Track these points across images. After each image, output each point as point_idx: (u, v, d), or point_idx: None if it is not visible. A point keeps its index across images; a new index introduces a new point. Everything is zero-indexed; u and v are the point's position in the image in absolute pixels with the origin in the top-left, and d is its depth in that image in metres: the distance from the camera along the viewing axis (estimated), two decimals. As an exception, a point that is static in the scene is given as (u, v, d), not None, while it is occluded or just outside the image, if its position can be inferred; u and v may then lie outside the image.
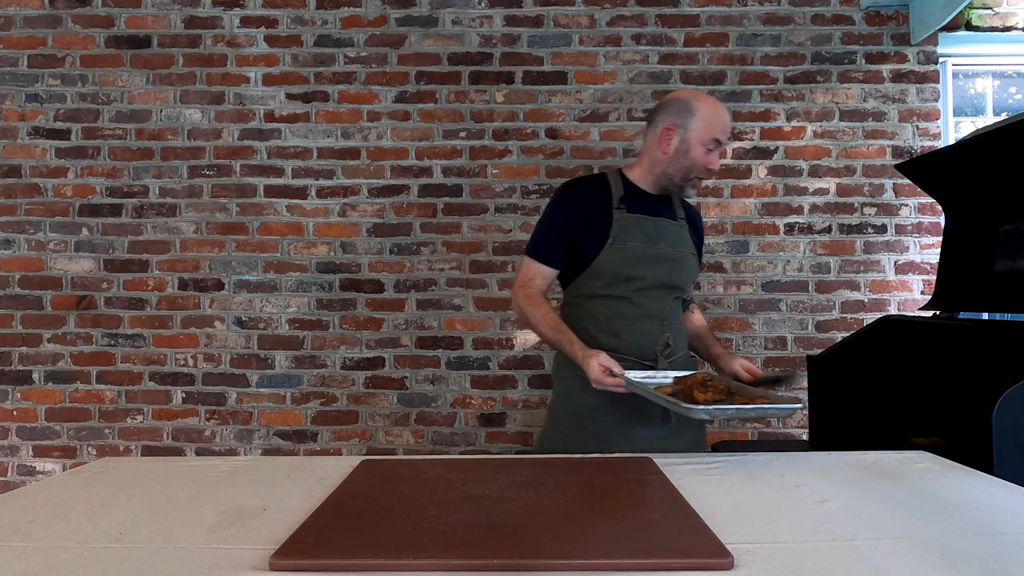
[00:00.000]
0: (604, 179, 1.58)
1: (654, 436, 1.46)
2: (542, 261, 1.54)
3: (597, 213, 1.51)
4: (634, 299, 1.50)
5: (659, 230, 1.54)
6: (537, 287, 1.53)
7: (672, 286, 1.55)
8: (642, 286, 1.50)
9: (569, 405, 1.53)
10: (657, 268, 1.51)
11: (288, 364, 2.67)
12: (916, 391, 1.64)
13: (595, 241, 1.50)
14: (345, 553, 0.72)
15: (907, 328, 1.95)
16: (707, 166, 1.50)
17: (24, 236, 2.68)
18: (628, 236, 1.50)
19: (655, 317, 1.51)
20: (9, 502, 0.95)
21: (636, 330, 1.49)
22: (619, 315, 1.50)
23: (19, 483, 2.64)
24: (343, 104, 2.68)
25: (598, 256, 1.50)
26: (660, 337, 1.50)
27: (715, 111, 1.50)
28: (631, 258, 1.49)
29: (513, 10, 2.68)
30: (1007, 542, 0.76)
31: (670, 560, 0.69)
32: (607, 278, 1.50)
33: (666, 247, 1.54)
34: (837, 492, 0.97)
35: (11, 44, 2.69)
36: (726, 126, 1.51)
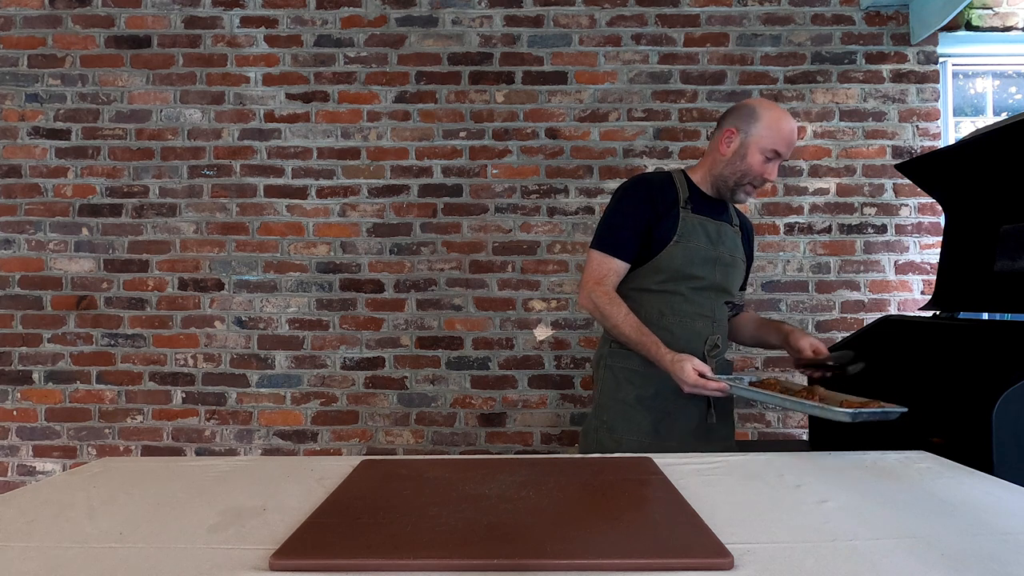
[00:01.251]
0: (671, 178, 1.60)
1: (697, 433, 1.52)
2: (616, 255, 1.52)
3: (666, 210, 1.53)
4: (690, 297, 1.52)
5: (720, 233, 1.57)
6: (611, 283, 1.52)
7: (725, 289, 1.58)
8: (699, 286, 1.53)
9: (616, 394, 1.55)
10: (714, 270, 1.55)
11: (288, 364, 2.67)
12: (916, 391, 1.64)
13: (662, 237, 1.51)
14: (345, 553, 0.72)
15: (907, 328, 1.95)
16: (763, 175, 1.51)
17: (24, 236, 2.68)
18: (692, 236, 1.53)
19: (707, 317, 1.54)
20: (9, 502, 0.95)
21: (688, 328, 1.52)
22: (674, 311, 1.52)
23: (19, 483, 2.64)
24: (343, 104, 2.68)
25: (662, 252, 1.51)
26: (710, 337, 1.53)
27: (780, 122, 1.49)
28: (693, 258, 1.52)
29: (513, 10, 2.68)
30: (1007, 542, 0.76)
31: (670, 560, 0.70)
32: (667, 274, 1.52)
33: (724, 251, 1.57)
34: (837, 492, 0.97)
35: (11, 44, 2.69)
36: (789, 139, 1.50)
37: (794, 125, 1.52)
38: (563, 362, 2.65)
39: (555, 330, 2.65)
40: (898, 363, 1.82)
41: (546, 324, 2.65)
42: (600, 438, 1.52)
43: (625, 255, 1.52)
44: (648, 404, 1.50)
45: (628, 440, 1.48)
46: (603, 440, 1.52)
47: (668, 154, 2.67)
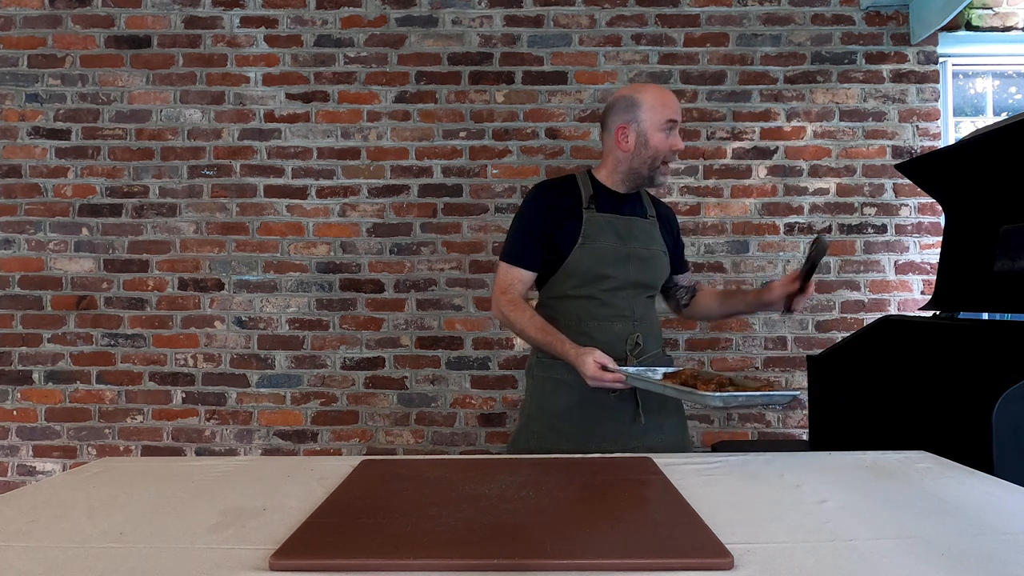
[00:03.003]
0: (573, 180, 1.58)
1: (629, 435, 1.48)
2: (519, 265, 1.54)
3: (568, 214, 1.52)
4: (604, 299, 1.51)
5: (630, 229, 1.54)
6: (517, 292, 1.53)
7: (643, 285, 1.56)
8: (613, 285, 1.51)
9: (543, 404, 1.54)
10: (628, 267, 1.52)
11: (288, 364, 2.67)
12: (916, 391, 1.64)
13: (566, 242, 1.50)
14: (345, 553, 0.72)
15: (907, 328, 1.95)
16: (671, 148, 1.50)
17: (24, 236, 2.68)
18: (599, 236, 1.51)
19: (626, 317, 1.52)
20: (9, 502, 0.95)
21: (607, 329, 1.50)
22: (590, 315, 1.51)
23: (19, 483, 2.64)
24: (343, 104, 2.68)
25: (569, 256, 1.50)
26: (630, 336, 1.51)
27: (659, 95, 1.51)
28: (602, 257, 1.50)
29: (513, 10, 2.68)
30: (1007, 542, 0.76)
31: (670, 560, 0.69)
32: (578, 278, 1.51)
33: (637, 246, 1.54)
34: (837, 492, 0.97)
35: (11, 44, 2.69)
36: (675, 106, 1.51)
37: (668, 91, 1.54)
38: (563, 362, 2.65)
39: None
40: (898, 363, 1.82)
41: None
42: (531, 448, 1.50)
43: (527, 263, 1.53)
44: (575, 413, 1.48)
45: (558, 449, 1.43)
46: (533, 450, 1.49)
47: (668, 154, 2.67)
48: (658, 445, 1.48)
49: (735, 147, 2.68)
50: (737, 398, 1.18)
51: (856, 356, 1.98)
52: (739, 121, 2.67)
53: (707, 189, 2.67)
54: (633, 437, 1.48)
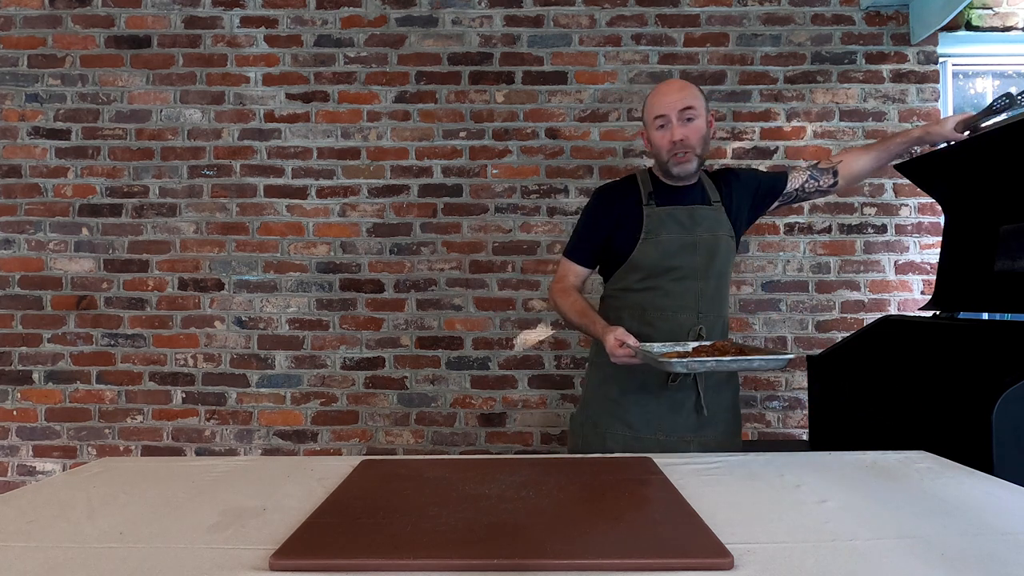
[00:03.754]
0: (633, 179, 1.65)
1: (686, 426, 1.51)
2: (574, 260, 1.64)
3: (628, 212, 1.58)
4: (669, 289, 1.54)
5: (694, 217, 1.57)
6: (569, 283, 1.63)
7: (711, 272, 1.57)
8: (679, 276, 1.54)
9: (601, 389, 1.58)
10: (694, 256, 1.55)
11: (288, 364, 2.67)
12: (916, 391, 1.64)
13: (628, 238, 1.56)
14: (345, 553, 0.72)
15: (907, 328, 1.95)
16: (671, 140, 1.53)
17: (24, 236, 2.68)
18: (662, 228, 1.55)
19: (690, 308, 1.54)
20: (9, 502, 0.95)
21: (670, 319, 1.54)
22: (654, 306, 1.55)
23: (19, 483, 2.64)
24: (343, 104, 2.68)
25: (633, 251, 1.55)
26: (693, 328, 1.53)
27: (653, 95, 1.58)
28: (667, 249, 1.54)
29: (513, 10, 2.68)
30: (1007, 542, 0.76)
31: (670, 560, 0.69)
32: (644, 271, 1.55)
33: (703, 233, 1.56)
34: (837, 492, 0.97)
35: (11, 44, 2.69)
36: (664, 100, 1.53)
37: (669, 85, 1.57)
38: (563, 362, 2.65)
39: (555, 330, 2.65)
40: (898, 363, 1.82)
41: (547, 324, 2.65)
42: (586, 433, 1.56)
43: (582, 259, 1.64)
44: (632, 399, 1.52)
45: (613, 435, 1.50)
46: (588, 435, 1.55)
47: (668, 154, 2.67)
48: (711, 442, 1.51)
49: (735, 147, 2.68)
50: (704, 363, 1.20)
51: (856, 356, 1.98)
52: (739, 121, 2.67)
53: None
54: (691, 429, 1.50)
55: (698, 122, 1.54)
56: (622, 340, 1.36)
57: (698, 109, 1.54)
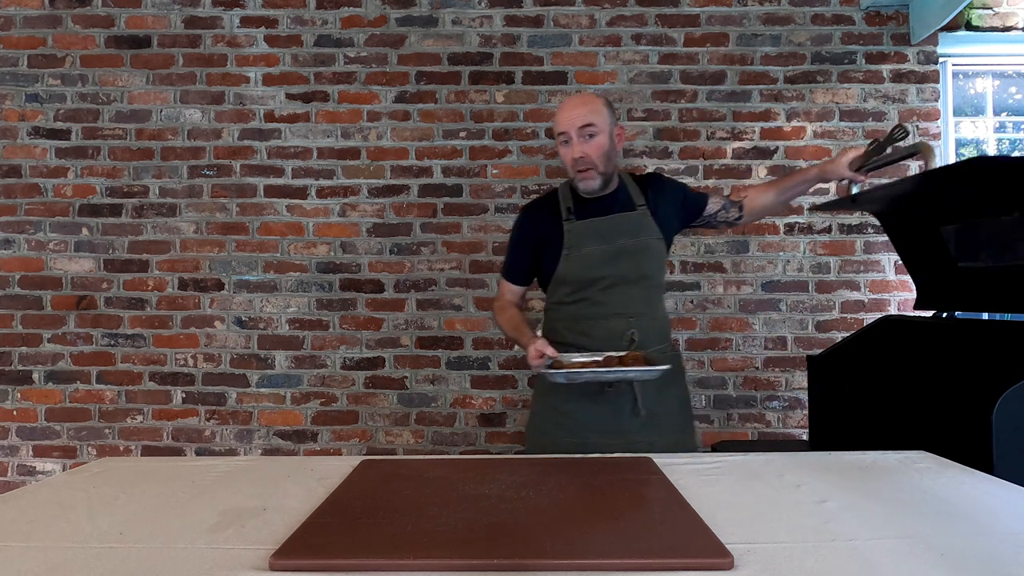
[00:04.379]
0: (554, 194, 1.67)
1: (629, 429, 1.52)
2: (508, 279, 1.70)
3: (550, 229, 1.61)
4: (597, 299, 1.57)
5: (614, 227, 1.58)
6: (506, 300, 1.69)
7: (640, 277, 1.59)
8: (606, 285, 1.56)
9: (546, 399, 1.61)
10: (618, 264, 1.56)
11: (288, 364, 2.67)
12: (916, 391, 1.64)
13: (554, 254, 1.59)
14: (345, 553, 0.72)
15: (907, 328, 1.95)
16: (572, 157, 1.55)
17: (24, 236, 2.68)
18: (582, 242, 1.57)
19: (620, 314, 1.56)
20: (9, 502, 0.95)
21: (602, 327, 1.56)
22: (585, 316, 1.58)
23: (19, 483, 2.64)
24: (343, 104, 2.68)
25: (558, 267, 1.59)
26: (626, 333, 1.55)
27: (558, 110, 1.58)
28: (590, 262, 1.57)
29: (513, 10, 2.68)
30: (1007, 542, 0.76)
31: (670, 560, 0.69)
32: (571, 285, 1.59)
33: (625, 240, 1.58)
34: (837, 492, 0.97)
35: (11, 44, 2.69)
36: (565, 117, 1.54)
37: (570, 101, 1.57)
38: (563, 362, 2.65)
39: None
40: (898, 363, 1.82)
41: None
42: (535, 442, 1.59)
43: (515, 278, 1.69)
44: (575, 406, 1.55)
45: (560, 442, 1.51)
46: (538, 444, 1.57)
47: (668, 154, 2.67)
48: (659, 442, 1.50)
49: (735, 147, 2.68)
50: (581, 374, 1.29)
51: (856, 356, 1.98)
52: (739, 121, 2.67)
53: (707, 189, 2.67)
54: (633, 431, 1.52)
55: (599, 139, 1.53)
56: (541, 351, 1.39)
57: (599, 125, 1.53)
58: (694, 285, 2.66)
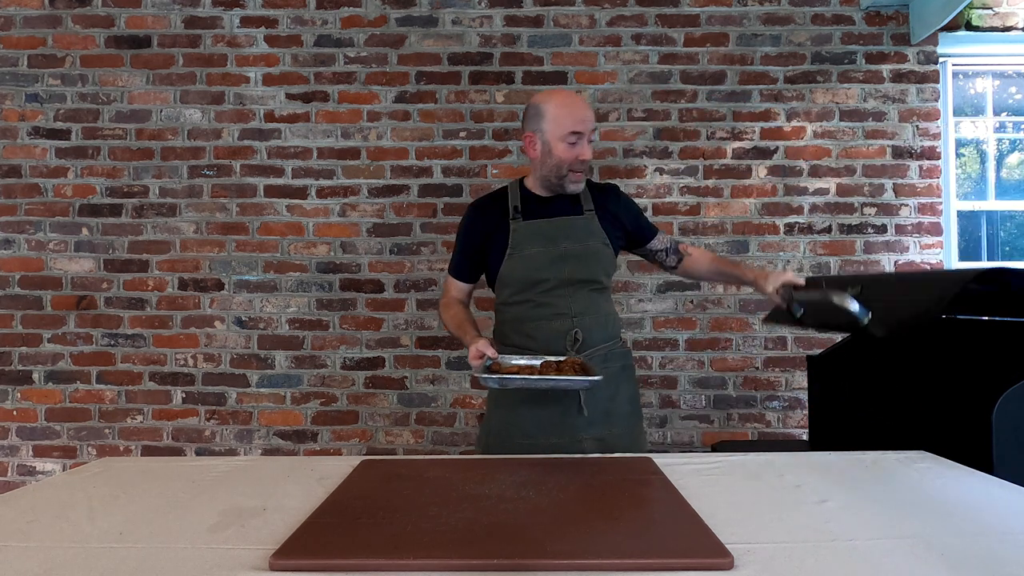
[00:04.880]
0: (504, 192, 1.65)
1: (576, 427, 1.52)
2: (455, 276, 1.67)
3: (496, 227, 1.59)
4: (541, 300, 1.55)
5: (560, 230, 1.57)
6: (451, 297, 1.67)
7: (582, 280, 1.57)
8: (548, 287, 1.55)
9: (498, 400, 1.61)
10: (562, 267, 1.55)
11: (288, 364, 2.67)
12: (916, 391, 1.64)
13: (498, 253, 1.58)
14: (345, 553, 0.72)
15: (907, 328, 1.95)
16: (577, 158, 1.51)
17: (24, 236, 2.68)
18: (526, 243, 1.56)
19: (563, 314, 1.55)
20: (9, 502, 0.95)
21: (545, 328, 1.55)
22: (529, 317, 1.57)
23: (19, 483, 2.64)
24: (343, 104, 2.68)
25: (501, 267, 1.57)
26: (569, 332, 1.54)
27: (563, 106, 1.51)
28: (532, 264, 1.55)
29: (513, 10, 2.68)
30: (1007, 542, 0.76)
31: (670, 560, 0.69)
32: (513, 286, 1.57)
33: (570, 244, 1.56)
34: (837, 492, 0.97)
35: (11, 44, 2.69)
36: (579, 116, 1.50)
37: (576, 99, 1.54)
38: (563, 362, 2.65)
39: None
40: (898, 363, 1.82)
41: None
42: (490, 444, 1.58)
43: (461, 275, 1.66)
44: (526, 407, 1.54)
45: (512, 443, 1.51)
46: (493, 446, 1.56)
47: (668, 154, 2.67)
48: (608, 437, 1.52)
49: (735, 147, 2.68)
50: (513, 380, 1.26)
51: (856, 356, 1.98)
52: (739, 121, 2.67)
53: (707, 189, 2.67)
54: (580, 429, 1.52)
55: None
56: (482, 352, 1.36)
57: None
58: (694, 285, 2.65)
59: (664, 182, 2.67)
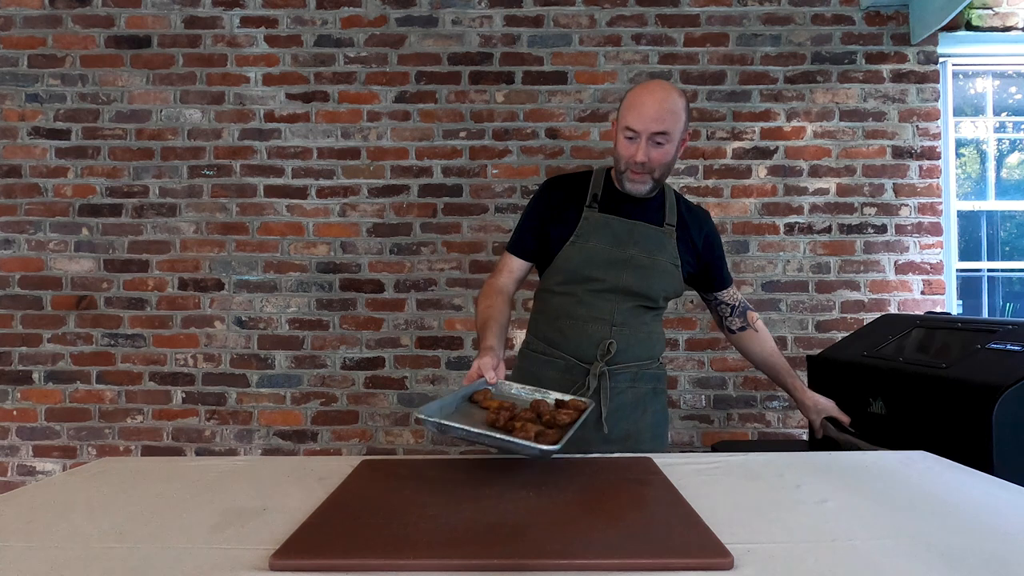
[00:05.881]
0: (587, 176, 1.54)
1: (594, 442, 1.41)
2: (513, 252, 1.54)
3: (569, 209, 1.48)
4: (585, 299, 1.45)
5: (632, 233, 1.46)
6: (502, 279, 1.52)
7: (636, 293, 1.45)
8: (599, 288, 1.45)
9: None
10: (621, 272, 1.44)
11: (288, 364, 2.67)
12: (916, 391, 1.64)
13: (561, 237, 1.47)
14: (345, 553, 0.72)
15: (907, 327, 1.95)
16: (629, 157, 1.39)
17: (24, 236, 2.68)
18: (593, 235, 1.45)
19: (603, 320, 1.45)
20: (9, 502, 0.95)
21: (581, 330, 1.45)
22: (568, 314, 1.47)
23: (19, 483, 2.64)
24: (343, 104, 2.68)
25: (559, 253, 1.47)
26: (603, 341, 1.44)
27: (635, 97, 1.38)
28: (591, 258, 1.45)
29: (513, 10, 2.68)
30: (1007, 542, 0.76)
31: (670, 560, 0.69)
32: (565, 275, 1.47)
33: (638, 252, 1.45)
34: (837, 492, 0.97)
35: (11, 44, 2.69)
36: (641, 112, 1.35)
37: (653, 97, 1.36)
38: (563, 362, 2.65)
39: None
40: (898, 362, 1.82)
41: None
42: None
43: (520, 252, 1.53)
44: None
45: None
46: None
47: (668, 154, 2.67)
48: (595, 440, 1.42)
49: (735, 147, 2.68)
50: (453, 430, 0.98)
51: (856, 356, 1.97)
52: (739, 121, 2.67)
53: (707, 189, 2.67)
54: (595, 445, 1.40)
55: (667, 147, 1.39)
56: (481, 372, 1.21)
57: (672, 134, 1.37)
58: (694, 285, 2.65)
59: (664, 182, 2.67)
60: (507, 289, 1.51)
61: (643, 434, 1.47)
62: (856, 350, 2.00)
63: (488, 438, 0.97)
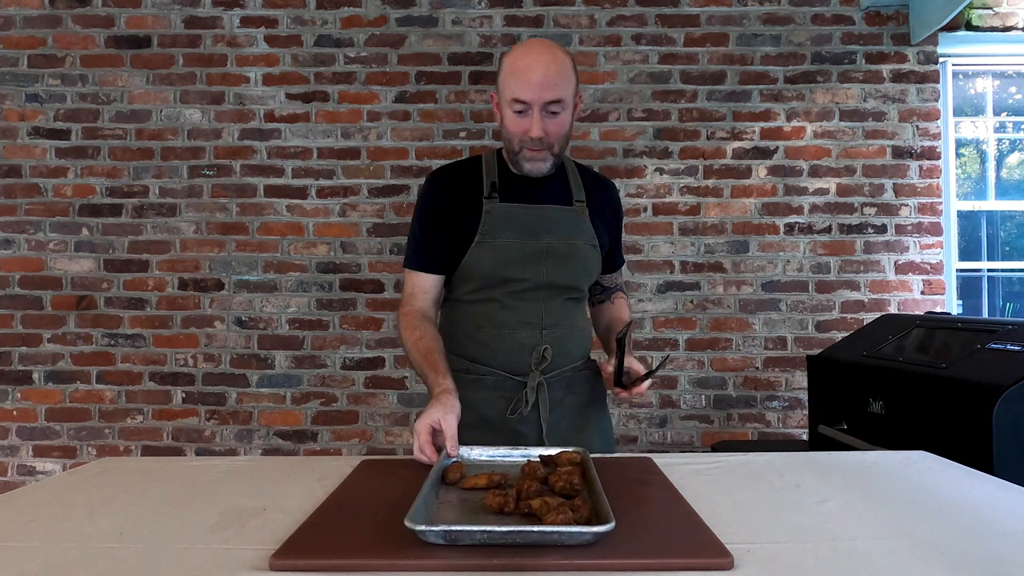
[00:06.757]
0: (477, 163, 1.33)
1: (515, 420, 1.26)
2: (420, 269, 1.30)
3: (465, 204, 1.27)
4: (508, 303, 1.26)
5: (542, 221, 1.27)
6: (418, 305, 1.29)
7: (562, 286, 1.28)
8: (520, 288, 1.26)
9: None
10: (540, 267, 1.25)
11: (288, 364, 2.67)
12: (916, 391, 1.64)
13: (462, 237, 1.26)
14: (345, 553, 0.72)
15: (907, 327, 1.95)
16: (524, 132, 1.19)
17: (24, 236, 2.68)
18: (500, 230, 1.25)
19: (532, 324, 1.26)
20: (9, 502, 0.95)
21: (507, 339, 1.26)
22: (490, 322, 1.27)
23: (19, 483, 2.64)
24: (343, 104, 2.68)
25: (466, 256, 1.26)
26: (536, 348, 1.25)
27: (517, 63, 1.17)
28: (504, 257, 1.25)
29: (513, 10, 2.68)
30: (1007, 542, 0.76)
31: (670, 560, 0.69)
32: (476, 281, 1.27)
33: (553, 240, 1.26)
34: (837, 492, 0.97)
35: (11, 44, 2.69)
36: (530, 81, 1.15)
37: (539, 60, 1.15)
38: (563, 362, 2.65)
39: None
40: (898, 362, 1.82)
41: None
42: None
43: (426, 266, 1.30)
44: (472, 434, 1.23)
45: None
46: None
47: (668, 154, 2.67)
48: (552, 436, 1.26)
49: (735, 147, 2.68)
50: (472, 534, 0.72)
51: (856, 356, 1.98)
52: (739, 121, 2.67)
53: (707, 189, 2.67)
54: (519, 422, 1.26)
55: (563, 116, 1.20)
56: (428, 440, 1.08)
57: (566, 100, 1.18)
58: (694, 285, 2.66)
59: (664, 182, 2.67)
60: (429, 313, 1.30)
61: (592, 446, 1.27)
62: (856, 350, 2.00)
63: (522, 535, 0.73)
